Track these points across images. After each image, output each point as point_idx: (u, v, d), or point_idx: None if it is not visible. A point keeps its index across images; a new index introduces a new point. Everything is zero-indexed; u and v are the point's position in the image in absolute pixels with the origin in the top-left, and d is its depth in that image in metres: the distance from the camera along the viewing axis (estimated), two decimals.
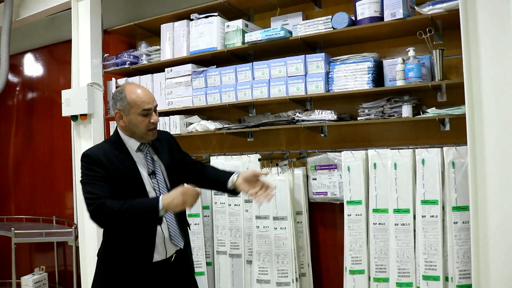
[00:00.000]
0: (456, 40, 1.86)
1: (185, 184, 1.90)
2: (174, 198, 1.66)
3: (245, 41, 2.52)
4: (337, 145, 2.51)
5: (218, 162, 2.65)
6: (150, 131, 1.83)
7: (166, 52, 2.85)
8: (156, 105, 1.87)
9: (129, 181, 1.79)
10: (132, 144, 1.85)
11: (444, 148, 2.07)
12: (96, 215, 1.71)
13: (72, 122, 3.05)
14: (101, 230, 2.82)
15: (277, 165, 2.44)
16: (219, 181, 1.93)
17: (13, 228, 3.22)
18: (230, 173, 1.92)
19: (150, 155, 1.88)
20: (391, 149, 2.22)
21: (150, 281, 1.80)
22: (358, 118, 2.28)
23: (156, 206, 1.66)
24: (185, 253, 1.93)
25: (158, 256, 1.80)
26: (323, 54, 2.35)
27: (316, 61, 2.35)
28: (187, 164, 2.03)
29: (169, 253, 1.84)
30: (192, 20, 2.74)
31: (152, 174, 1.84)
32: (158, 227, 1.80)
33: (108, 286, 1.82)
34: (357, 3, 2.23)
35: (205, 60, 2.76)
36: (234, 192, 1.90)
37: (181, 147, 2.09)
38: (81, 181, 1.78)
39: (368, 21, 2.19)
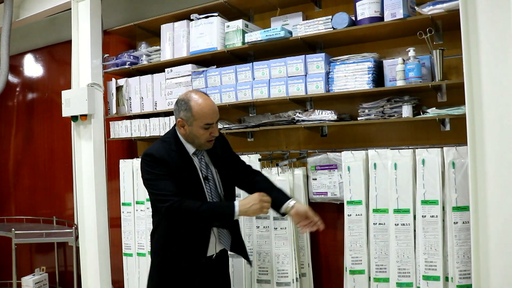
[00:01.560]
0: (456, 40, 1.86)
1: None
2: (252, 204, 1.77)
3: (245, 41, 2.52)
4: (337, 145, 2.51)
5: None
6: (209, 142, 1.88)
7: (166, 53, 2.85)
8: (218, 118, 1.89)
9: (189, 183, 1.85)
10: (189, 148, 1.91)
11: (444, 148, 2.07)
12: (173, 211, 1.78)
13: (72, 122, 3.05)
14: (101, 231, 2.88)
15: (277, 165, 2.44)
16: (271, 200, 1.90)
17: (13, 229, 3.22)
18: (284, 196, 1.94)
19: (204, 160, 1.93)
20: (391, 149, 2.22)
21: (197, 275, 1.90)
22: (358, 118, 2.28)
23: (232, 211, 1.77)
24: (226, 252, 2.03)
25: (209, 252, 1.91)
26: (323, 54, 2.35)
27: (316, 61, 2.35)
28: (237, 168, 2.06)
29: (217, 249, 1.95)
30: (192, 20, 2.74)
31: (205, 179, 1.90)
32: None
33: (164, 277, 1.91)
34: (357, 3, 2.23)
35: (205, 60, 2.76)
36: (281, 213, 1.94)
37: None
38: (147, 179, 1.84)
39: (368, 21, 2.19)
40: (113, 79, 3.08)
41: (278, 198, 1.91)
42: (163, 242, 1.93)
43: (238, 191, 2.10)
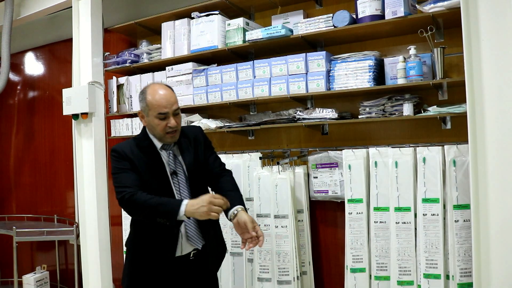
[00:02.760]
0: (457, 38, 1.86)
1: (210, 190, 1.98)
2: (200, 206, 1.66)
3: (246, 40, 2.52)
4: (338, 144, 2.51)
5: None
6: (168, 134, 1.83)
7: (167, 51, 2.85)
8: (177, 108, 1.83)
9: (154, 178, 1.82)
10: (156, 143, 1.88)
11: (445, 146, 2.07)
12: (124, 204, 1.77)
13: (73, 120, 3.05)
14: (102, 229, 2.89)
15: (278, 163, 2.44)
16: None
17: (14, 227, 3.22)
18: (237, 202, 1.86)
19: (173, 154, 1.89)
20: (392, 147, 2.22)
21: (171, 275, 1.85)
22: (359, 117, 2.28)
23: (177, 209, 1.67)
24: (205, 253, 1.91)
25: (177, 252, 1.85)
26: (324, 52, 2.35)
27: (317, 60, 2.35)
28: (208, 164, 1.99)
29: (185, 251, 1.86)
30: (193, 18, 2.73)
31: (173, 174, 1.86)
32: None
33: (135, 274, 1.89)
34: (358, 2, 2.22)
35: (206, 59, 2.76)
36: (229, 219, 1.86)
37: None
38: (112, 173, 1.85)
39: (369, 19, 2.19)
40: (114, 77, 3.08)
41: (230, 202, 1.79)
42: (133, 238, 1.92)
43: None
